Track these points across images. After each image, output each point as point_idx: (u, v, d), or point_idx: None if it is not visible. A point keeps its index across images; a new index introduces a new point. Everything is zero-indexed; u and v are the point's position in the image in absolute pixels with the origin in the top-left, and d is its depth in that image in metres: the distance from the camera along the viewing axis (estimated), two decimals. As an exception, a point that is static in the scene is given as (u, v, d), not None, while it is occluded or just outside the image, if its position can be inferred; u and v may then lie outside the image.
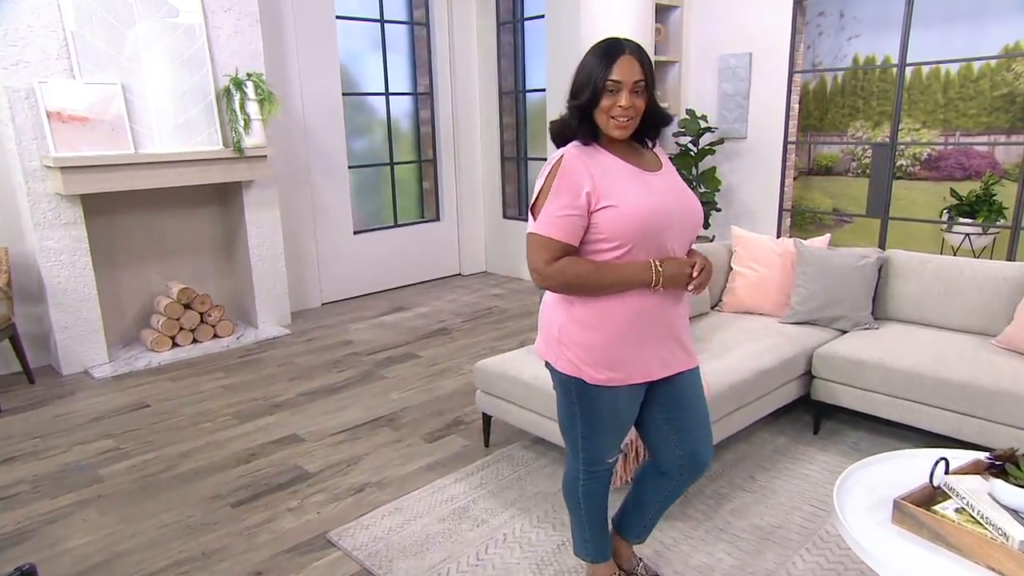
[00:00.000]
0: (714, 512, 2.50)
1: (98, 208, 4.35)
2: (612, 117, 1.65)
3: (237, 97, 4.44)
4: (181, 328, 4.55)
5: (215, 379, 4.05)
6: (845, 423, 3.17)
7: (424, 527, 2.49)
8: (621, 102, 1.63)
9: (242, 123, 4.46)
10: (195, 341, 4.63)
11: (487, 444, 3.09)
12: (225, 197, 4.91)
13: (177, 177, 4.28)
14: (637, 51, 1.66)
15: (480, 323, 5.03)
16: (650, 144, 1.79)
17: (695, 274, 1.69)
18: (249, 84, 4.46)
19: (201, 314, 4.64)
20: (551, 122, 1.77)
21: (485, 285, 6.23)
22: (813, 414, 3.12)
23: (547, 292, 1.80)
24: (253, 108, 4.48)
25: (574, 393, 1.78)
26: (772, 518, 2.46)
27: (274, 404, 3.66)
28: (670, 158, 1.91)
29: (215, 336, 4.72)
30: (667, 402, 1.82)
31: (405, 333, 4.85)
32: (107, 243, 4.46)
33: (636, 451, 2.51)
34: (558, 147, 1.77)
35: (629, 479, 2.54)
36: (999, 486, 1.59)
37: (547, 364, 1.84)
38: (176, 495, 2.77)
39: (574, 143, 1.72)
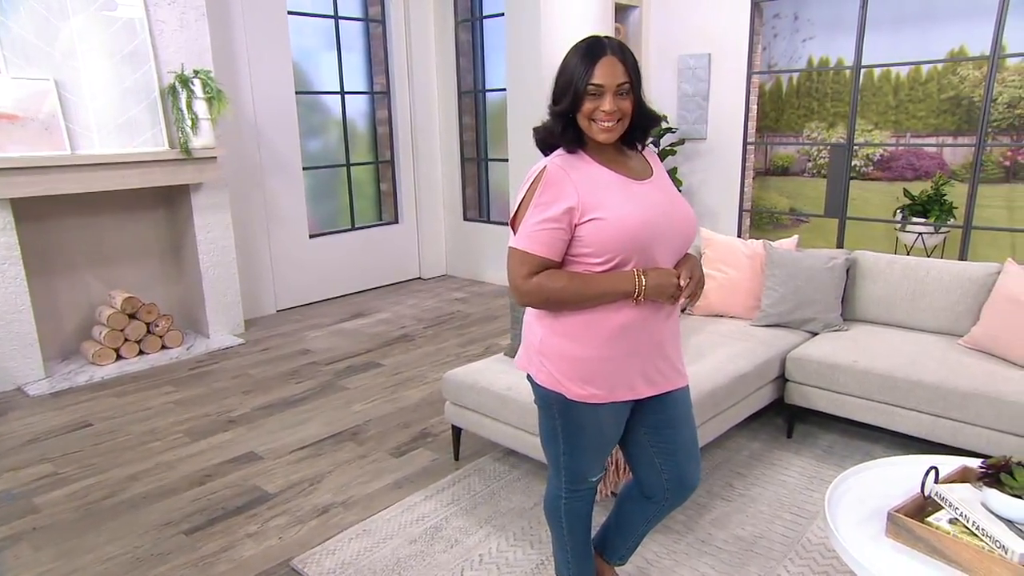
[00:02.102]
0: (695, 523, 2.44)
1: (31, 213, 4.06)
2: (594, 121, 1.55)
3: (183, 95, 4.21)
4: (126, 339, 4.29)
5: (164, 394, 3.82)
6: (817, 426, 3.17)
7: (394, 550, 2.35)
8: (604, 106, 1.53)
9: (189, 123, 4.23)
10: (141, 353, 4.37)
11: (457, 457, 2.97)
12: (172, 200, 4.66)
13: (119, 180, 4.03)
14: (620, 51, 1.56)
15: (443, 328, 4.90)
16: (639, 147, 1.70)
17: (683, 284, 1.60)
18: (196, 81, 4.23)
19: (147, 324, 4.38)
20: (535, 129, 1.67)
21: (447, 289, 6.10)
22: (786, 417, 3.10)
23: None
24: (201, 107, 4.25)
25: (555, 408, 1.68)
26: (753, 528, 2.41)
27: (228, 420, 3.46)
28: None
29: (163, 347, 4.47)
30: (654, 423, 1.73)
31: (365, 340, 4.68)
32: (42, 250, 4.16)
33: (617, 464, 2.43)
34: (545, 155, 1.67)
35: (610, 493, 2.46)
36: (993, 496, 1.56)
37: (528, 377, 1.74)
38: (122, 524, 2.56)
39: (558, 152, 1.62)
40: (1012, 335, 2.66)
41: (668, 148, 5.64)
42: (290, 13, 5.24)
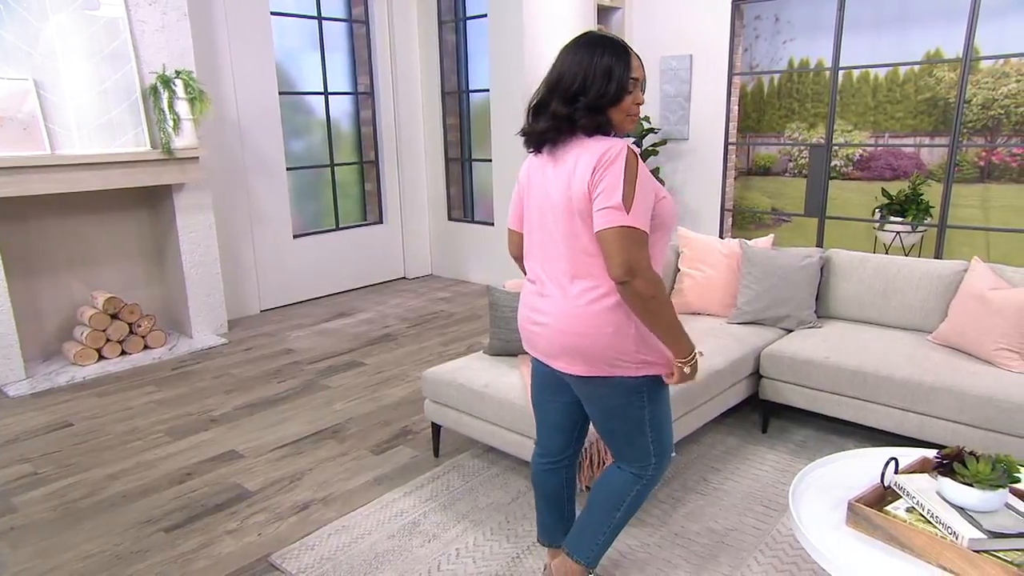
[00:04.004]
0: (668, 517, 2.48)
1: (11, 213, 4.05)
2: (630, 114, 1.67)
3: (165, 96, 4.21)
4: (108, 340, 4.28)
5: (146, 393, 3.82)
6: (792, 421, 3.22)
7: (373, 545, 2.38)
8: (640, 99, 1.68)
9: (171, 123, 4.23)
10: (124, 353, 4.37)
11: (436, 454, 3.00)
12: (154, 201, 4.65)
13: (100, 180, 4.02)
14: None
15: (426, 328, 4.93)
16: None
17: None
18: (178, 82, 4.23)
19: (130, 324, 4.38)
20: (547, 124, 1.67)
21: (431, 288, 6.12)
22: (761, 413, 3.15)
23: (589, 312, 1.67)
24: (183, 107, 4.25)
25: (645, 393, 1.75)
26: (726, 520, 2.46)
27: (210, 419, 3.47)
28: None
29: (146, 347, 4.47)
30: None
31: (348, 340, 4.70)
32: (22, 251, 4.15)
33: (591, 460, 2.46)
34: (540, 151, 1.74)
35: (585, 487, 2.49)
36: (947, 485, 1.61)
37: (602, 380, 1.73)
38: (101, 522, 2.58)
39: (611, 137, 1.64)
40: (978, 331, 2.73)
41: (650, 148, 5.70)
42: (273, 13, 5.25)
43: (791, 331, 3.25)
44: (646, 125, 5.60)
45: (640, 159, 1.62)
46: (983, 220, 5.80)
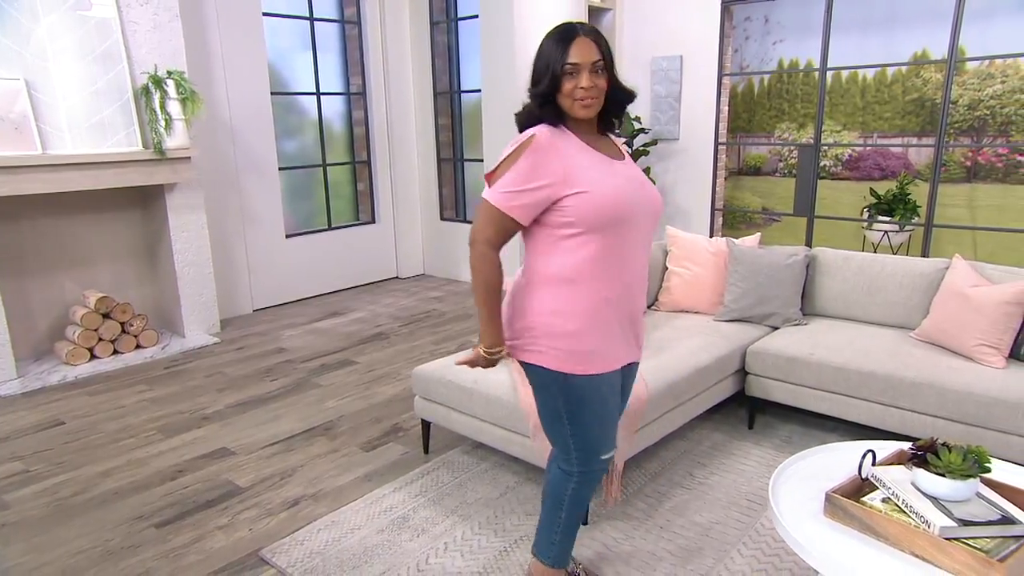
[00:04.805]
0: (654, 511, 2.52)
1: (2, 212, 4.06)
2: (575, 99, 1.65)
3: (157, 96, 4.22)
4: (100, 339, 4.30)
5: (138, 392, 3.84)
6: (778, 417, 3.26)
7: (362, 539, 2.41)
8: (582, 83, 1.63)
9: (163, 123, 4.25)
10: (116, 352, 4.38)
11: (426, 451, 3.03)
12: (146, 201, 4.67)
13: (92, 180, 4.04)
14: (592, 32, 1.67)
15: (418, 327, 4.95)
16: (617, 124, 1.80)
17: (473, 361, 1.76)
18: (170, 82, 4.25)
19: (122, 324, 4.39)
20: (517, 114, 1.74)
21: (423, 288, 6.15)
22: (747, 409, 3.19)
23: (516, 286, 1.77)
24: (175, 107, 4.27)
25: (555, 388, 1.73)
26: (710, 514, 2.49)
27: (202, 417, 3.49)
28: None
29: (138, 347, 4.48)
30: None
31: (341, 339, 4.73)
32: (14, 250, 4.16)
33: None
34: None
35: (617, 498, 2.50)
36: (921, 475, 1.65)
37: (521, 363, 1.78)
38: (92, 519, 2.60)
39: (544, 125, 1.68)
40: (958, 327, 2.77)
41: (641, 148, 5.74)
42: (265, 14, 5.27)
43: (777, 328, 3.29)
44: (636, 125, 5.64)
45: (542, 146, 1.62)
46: (970, 219, 5.87)
